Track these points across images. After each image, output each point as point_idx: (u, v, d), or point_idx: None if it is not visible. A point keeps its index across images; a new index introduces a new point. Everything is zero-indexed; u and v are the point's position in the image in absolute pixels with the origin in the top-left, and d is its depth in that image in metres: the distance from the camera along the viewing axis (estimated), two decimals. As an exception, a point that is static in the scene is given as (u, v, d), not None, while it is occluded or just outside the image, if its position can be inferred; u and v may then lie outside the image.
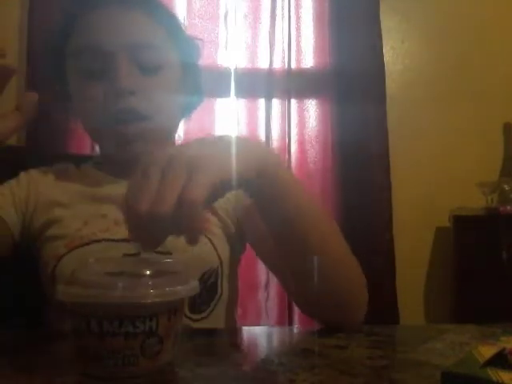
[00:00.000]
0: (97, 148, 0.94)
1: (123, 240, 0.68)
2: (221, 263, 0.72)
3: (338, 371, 0.42)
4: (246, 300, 1.68)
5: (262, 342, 0.56)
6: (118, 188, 0.73)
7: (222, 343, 0.54)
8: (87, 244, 0.68)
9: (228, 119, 1.76)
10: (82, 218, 0.71)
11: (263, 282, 1.68)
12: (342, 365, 0.44)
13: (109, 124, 0.70)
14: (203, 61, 0.84)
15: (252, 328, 0.63)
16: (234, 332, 0.67)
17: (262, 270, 1.67)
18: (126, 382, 0.39)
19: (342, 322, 0.58)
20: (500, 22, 1.91)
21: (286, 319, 1.68)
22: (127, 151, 0.71)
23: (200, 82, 0.84)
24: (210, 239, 0.71)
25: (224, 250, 0.74)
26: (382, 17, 1.79)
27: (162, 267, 0.43)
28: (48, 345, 0.51)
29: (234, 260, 0.79)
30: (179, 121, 0.83)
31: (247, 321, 1.66)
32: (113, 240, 0.68)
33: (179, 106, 0.79)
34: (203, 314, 0.70)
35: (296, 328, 0.65)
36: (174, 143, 0.83)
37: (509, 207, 1.59)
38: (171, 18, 0.79)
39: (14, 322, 0.76)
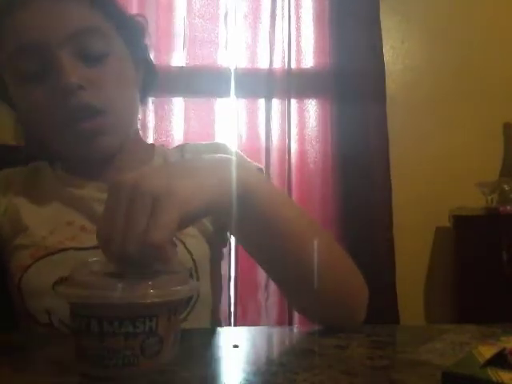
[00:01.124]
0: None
1: (91, 248, 0.65)
2: (195, 264, 0.68)
3: (338, 371, 0.42)
4: (246, 300, 1.68)
5: (262, 342, 0.56)
6: (86, 192, 0.71)
7: (222, 343, 0.54)
8: (53, 253, 0.65)
9: (228, 119, 1.76)
10: (48, 225, 0.68)
11: (263, 282, 1.68)
12: (342, 365, 0.44)
13: (63, 126, 0.65)
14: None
15: (252, 328, 0.62)
16: (234, 332, 0.67)
17: (261, 270, 1.66)
18: (126, 382, 0.39)
19: (339, 323, 0.58)
20: (500, 22, 1.91)
21: (286, 319, 1.68)
22: (92, 148, 0.67)
23: (150, 61, 0.79)
24: (182, 241, 0.68)
25: (200, 250, 0.70)
26: (382, 17, 1.79)
27: (162, 267, 0.43)
28: (48, 345, 0.51)
29: (215, 256, 0.76)
30: (138, 107, 0.77)
31: (247, 321, 1.66)
32: (80, 248, 0.66)
33: (134, 91, 0.73)
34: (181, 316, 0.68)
35: (296, 328, 0.65)
36: (137, 132, 0.79)
37: (509, 207, 1.59)
38: (114, 5, 0.71)
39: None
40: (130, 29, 0.72)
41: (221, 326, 0.79)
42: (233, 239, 0.82)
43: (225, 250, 0.83)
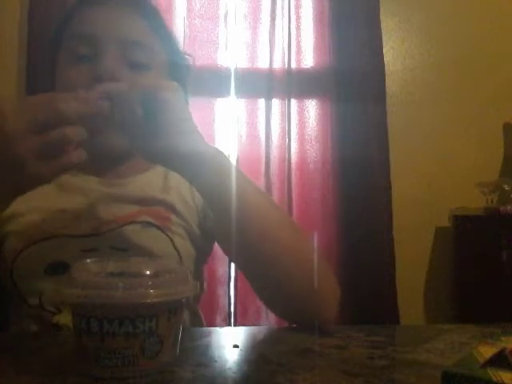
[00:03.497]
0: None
1: (82, 236, 0.68)
2: (181, 262, 0.70)
3: (338, 371, 0.42)
4: (246, 300, 1.68)
5: (262, 342, 0.56)
6: (84, 184, 0.74)
7: (222, 343, 0.54)
8: (46, 239, 0.68)
9: (228, 119, 1.76)
10: (41, 212, 0.71)
11: (263, 282, 1.68)
12: (342, 365, 0.44)
13: None
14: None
15: (252, 328, 0.62)
16: (233, 332, 0.67)
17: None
18: (125, 382, 0.39)
19: (303, 319, 0.59)
20: (500, 22, 1.91)
21: (285, 319, 1.68)
22: (98, 142, 0.67)
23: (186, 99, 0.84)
24: (170, 238, 0.70)
25: (185, 249, 0.72)
26: (382, 17, 1.79)
27: (162, 267, 0.43)
28: (48, 345, 0.51)
29: (199, 259, 0.77)
30: None
31: (247, 321, 1.66)
32: (72, 236, 0.68)
33: None
34: None
35: (296, 328, 0.65)
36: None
37: (509, 207, 1.59)
38: (167, 30, 0.80)
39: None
40: (179, 63, 0.80)
41: (202, 325, 0.80)
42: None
43: (216, 253, 0.84)
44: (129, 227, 0.70)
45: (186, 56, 0.85)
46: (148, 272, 0.41)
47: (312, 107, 1.79)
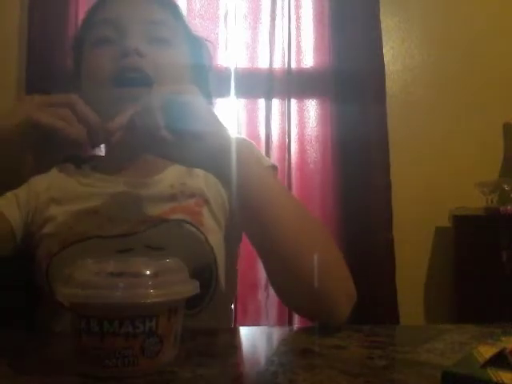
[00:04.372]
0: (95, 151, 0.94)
1: (116, 236, 0.68)
2: (215, 259, 0.70)
3: (338, 371, 0.42)
4: (246, 300, 1.68)
5: (262, 342, 0.56)
6: (112, 186, 0.75)
7: (222, 343, 0.54)
8: (80, 241, 0.68)
9: (228, 119, 1.76)
10: (75, 215, 0.71)
11: (263, 282, 1.68)
12: (342, 365, 0.43)
13: (111, 83, 0.70)
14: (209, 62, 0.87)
15: (252, 328, 0.62)
16: (234, 332, 0.67)
17: (261, 269, 1.66)
18: (126, 382, 0.39)
19: (316, 315, 0.58)
20: (500, 22, 1.91)
21: (285, 319, 1.68)
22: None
23: (208, 85, 0.88)
24: (203, 234, 0.70)
25: (218, 245, 0.72)
26: (381, 17, 1.79)
27: (162, 267, 0.43)
28: (48, 345, 0.51)
29: (232, 253, 0.77)
30: None
31: (247, 321, 1.66)
32: (106, 237, 0.69)
33: (185, 81, 0.79)
34: (194, 310, 0.68)
35: (296, 328, 0.65)
36: None
37: (509, 207, 1.59)
38: (185, 20, 0.84)
39: (13, 325, 0.76)
40: (197, 49, 0.84)
41: (231, 323, 0.80)
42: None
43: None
44: (162, 226, 0.70)
45: (206, 42, 0.90)
46: (148, 272, 0.41)
47: (312, 107, 1.79)
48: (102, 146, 0.82)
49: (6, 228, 0.71)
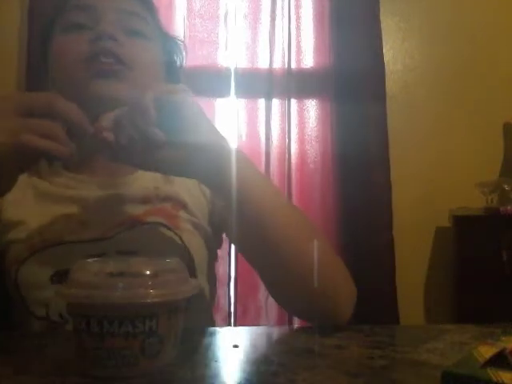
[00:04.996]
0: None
1: (88, 241, 0.66)
2: (193, 261, 0.69)
3: (338, 371, 0.42)
4: (246, 300, 1.68)
5: (262, 342, 0.56)
6: (85, 187, 0.72)
7: (222, 343, 0.54)
8: (51, 246, 0.66)
9: (228, 119, 1.76)
10: (46, 219, 0.68)
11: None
12: (342, 365, 0.43)
13: (84, 64, 0.67)
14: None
15: (252, 328, 0.62)
16: (233, 332, 0.67)
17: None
18: (126, 382, 0.39)
19: (318, 315, 0.58)
20: (500, 22, 1.91)
21: (285, 319, 1.68)
22: (102, 91, 0.67)
23: (179, 51, 0.86)
24: (179, 236, 0.69)
25: (197, 247, 0.71)
26: (381, 17, 1.79)
27: (162, 267, 0.43)
28: (48, 345, 0.51)
29: (210, 255, 0.76)
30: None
31: (247, 321, 1.66)
32: (78, 242, 0.66)
33: (158, 71, 0.77)
34: None
35: (296, 328, 0.65)
36: None
37: (509, 207, 1.59)
38: (159, 17, 0.81)
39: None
40: (162, 27, 0.81)
41: (214, 325, 0.79)
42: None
43: (219, 252, 0.83)
44: (136, 229, 0.68)
45: (179, 40, 0.87)
46: (148, 272, 0.41)
47: (312, 107, 1.79)
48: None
49: None
